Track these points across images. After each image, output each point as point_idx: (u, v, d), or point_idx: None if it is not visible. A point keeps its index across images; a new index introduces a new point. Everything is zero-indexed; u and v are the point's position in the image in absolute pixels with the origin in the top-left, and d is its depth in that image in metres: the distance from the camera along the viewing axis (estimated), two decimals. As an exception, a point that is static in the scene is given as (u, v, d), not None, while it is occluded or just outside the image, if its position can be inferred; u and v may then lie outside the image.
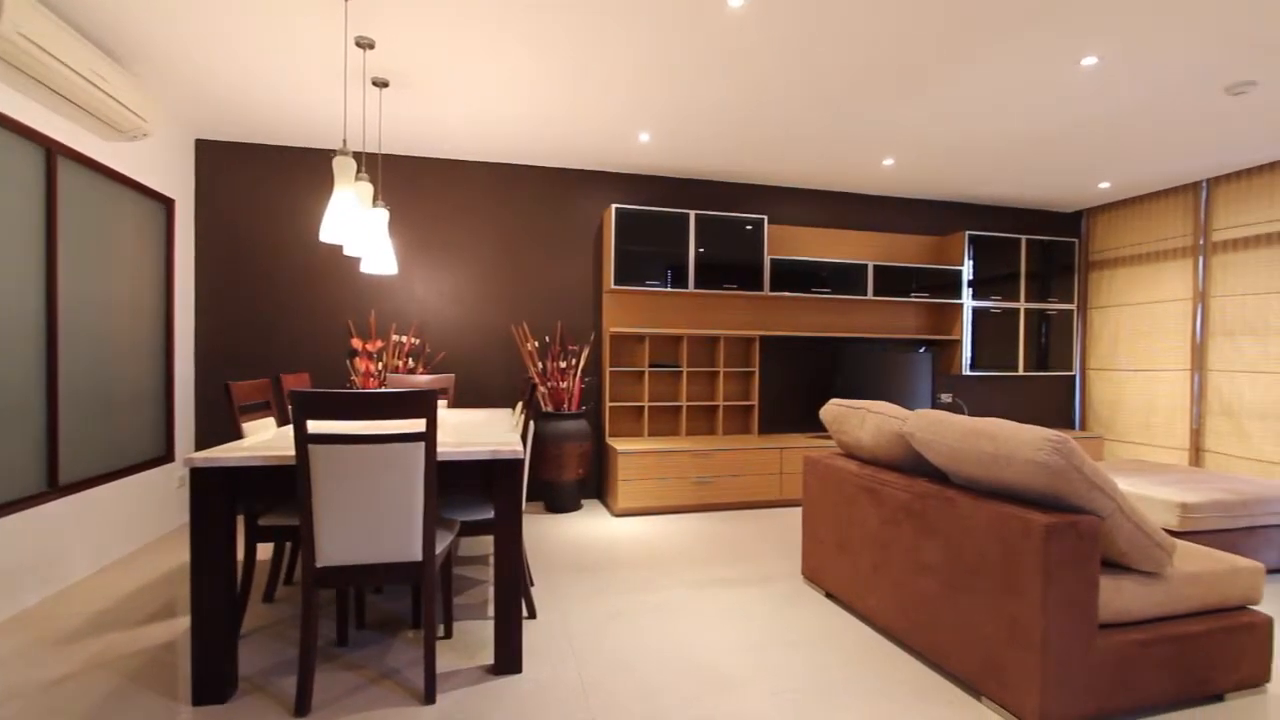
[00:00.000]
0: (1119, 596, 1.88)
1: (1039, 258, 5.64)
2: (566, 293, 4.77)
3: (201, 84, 3.35)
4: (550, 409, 4.45)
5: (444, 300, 4.54)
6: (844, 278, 5.05)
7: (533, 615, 2.63)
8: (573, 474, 4.33)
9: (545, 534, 3.87)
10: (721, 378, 4.89)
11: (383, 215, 3.10)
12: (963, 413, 5.67)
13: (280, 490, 1.99)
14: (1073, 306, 5.80)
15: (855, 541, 2.61)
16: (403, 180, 4.47)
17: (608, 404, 4.67)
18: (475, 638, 2.43)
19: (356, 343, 4.18)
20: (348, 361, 4.36)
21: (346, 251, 2.84)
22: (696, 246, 4.65)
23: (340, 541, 1.89)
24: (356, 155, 4.20)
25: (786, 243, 5.18)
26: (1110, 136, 4.03)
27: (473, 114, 3.72)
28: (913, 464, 2.47)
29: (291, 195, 4.29)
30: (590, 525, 4.08)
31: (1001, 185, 5.15)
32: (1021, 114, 3.67)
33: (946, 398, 5.66)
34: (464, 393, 4.57)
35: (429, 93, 3.43)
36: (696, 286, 4.65)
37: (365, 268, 3.15)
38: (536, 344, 4.68)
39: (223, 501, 1.96)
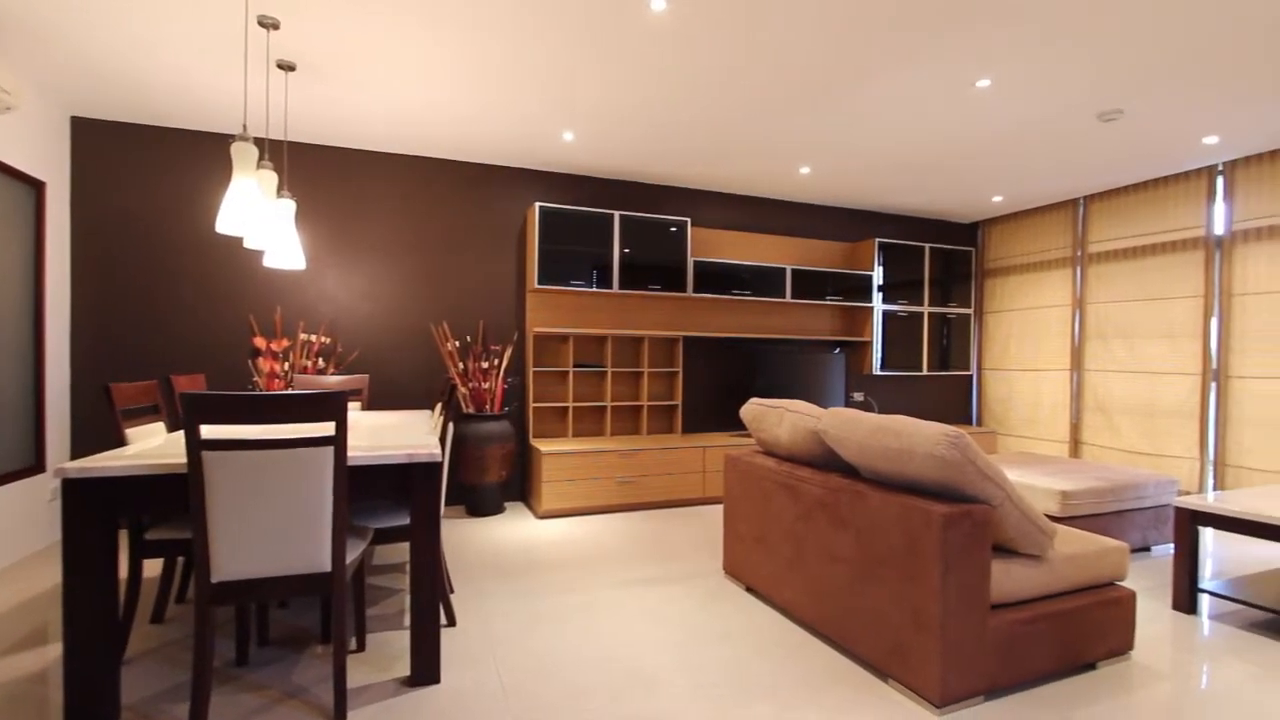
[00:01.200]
0: (1008, 579, 2.04)
1: (941, 265, 6.03)
2: (489, 292, 4.67)
3: (78, 54, 3.04)
4: (472, 410, 4.35)
5: (358, 297, 4.34)
6: (764, 280, 5.21)
7: (452, 623, 2.56)
8: (495, 476, 4.25)
9: (467, 538, 3.78)
10: (646, 378, 4.93)
11: (289, 206, 2.93)
12: (873, 411, 5.97)
13: (171, 501, 1.84)
14: (970, 311, 6.25)
15: (773, 536, 2.69)
16: (312, 170, 4.24)
17: (531, 405, 4.61)
18: (390, 649, 2.33)
19: (260, 342, 3.92)
20: (250, 362, 4.08)
21: (248, 244, 2.66)
22: (621, 247, 4.67)
23: (239, 554, 1.77)
24: (259, 141, 3.94)
25: (709, 245, 5.29)
26: (1002, 154, 4.36)
27: (389, 104, 3.57)
28: (826, 460, 2.58)
29: (185, 182, 3.97)
30: (513, 528, 4.02)
31: (908, 196, 5.47)
32: (925, 130, 3.90)
33: (859, 396, 5.95)
34: (380, 394, 4.39)
35: (341, 79, 3.26)
36: (621, 287, 4.67)
37: (269, 262, 2.96)
38: (457, 344, 4.55)
39: (101, 515, 1.78)
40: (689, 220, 4.89)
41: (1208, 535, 3.97)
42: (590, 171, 4.83)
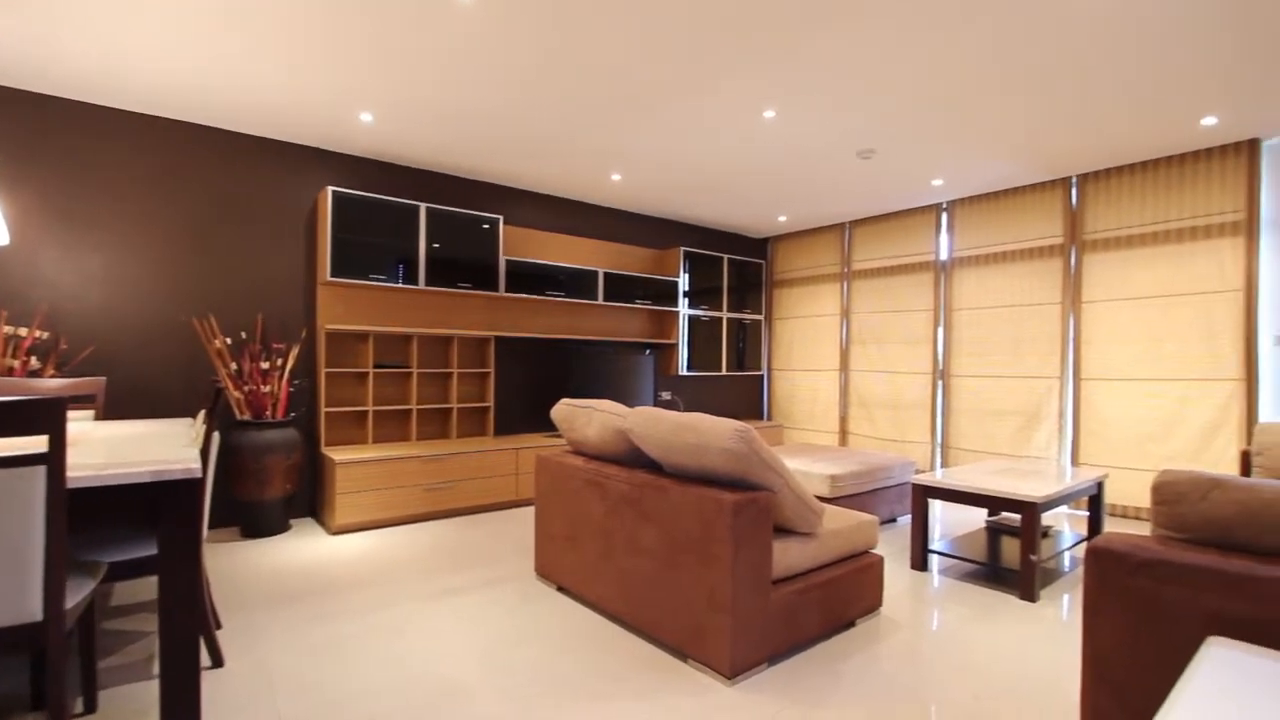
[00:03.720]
0: (786, 555, 2.29)
1: (737, 275, 6.62)
2: (270, 282, 4.13)
3: None
4: (249, 417, 3.81)
5: (89, 283, 3.58)
6: (577, 282, 5.29)
7: (218, 664, 2.22)
8: (278, 491, 3.77)
9: (241, 563, 3.30)
10: (456, 379, 4.73)
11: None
12: (680, 409, 6.36)
13: None
14: (762, 317, 6.95)
15: (584, 533, 2.74)
16: (20, 125, 3.41)
17: (323, 409, 4.18)
18: (134, 704, 1.96)
19: (-61, 336, 3.05)
20: (-77, 362, 3.17)
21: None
22: (429, 241, 4.42)
23: (-106, 612, 1.35)
24: (-60, 80, 3.08)
25: (523, 244, 5.23)
26: (785, 178, 4.90)
27: (133, 51, 3.00)
28: (633, 457, 2.68)
29: None
30: (301, 547, 3.60)
31: (709, 209, 5.91)
32: (721, 150, 4.25)
33: (666, 395, 6.30)
34: (124, 401, 3.66)
35: (57, 6, 2.67)
36: (428, 283, 4.42)
37: (-47, 234, 2.32)
38: (229, 341, 3.96)
39: None
40: (501, 218, 4.79)
41: (937, 505, 4.83)
42: (394, 159, 4.51)
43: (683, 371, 6.08)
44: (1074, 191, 4.77)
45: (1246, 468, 3.40)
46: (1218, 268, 4.10)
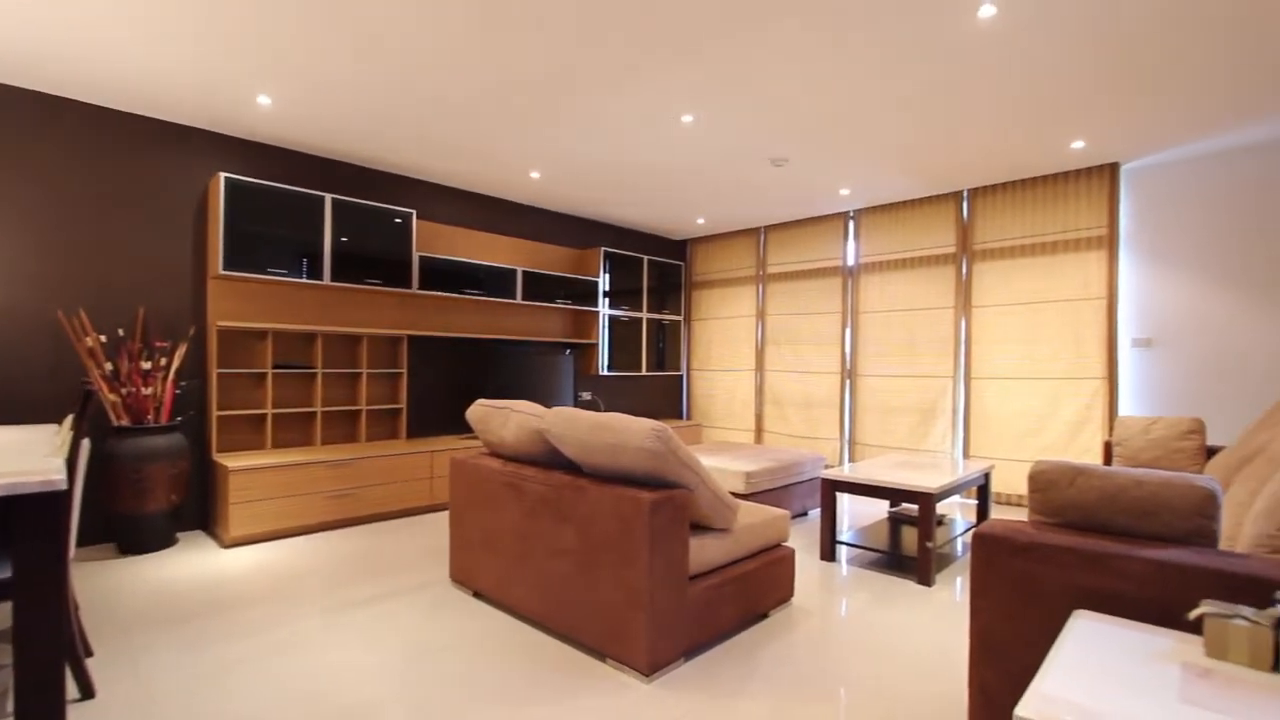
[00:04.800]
0: (703, 552, 2.34)
1: (657, 276, 6.69)
2: (152, 276, 3.78)
3: None
4: (127, 422, 3.48)
5: (-69, 274, 3.15)
6: (496, 281, 5.17)
7: (88, 695, 2.01)
8: (162, 502, 3.46)
9: (118, 583, 3.01)
10: (365, 380, 4.51)
11: None
12: (600, 409, 6.36)
13: None
14: (681, 318, 7.06)
15: (501, 537, 2.68)
16: None
17: (215, 413, 3.87)
18: (-20, 748, 1.74)
19: None
20: None
21: None
22: (335, 234, 4.19)
23: None
24: None
25: (438, 241, 5.06)
26: (702, 182, 5.01)
27: (-12, 17, 2.67)
28: (551, 458, 2.66)
29: None
30: (189, 563, 3.32)
31: (629, 210, 5.95)
32: (641, 152, 4.29)
33: (586, 396, 6.28)
34: (-29, 406, 3.25)
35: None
36: (334, 279, 4.19)
37: None
38: (104, 339, 3.60)
39: None
40: (414, 212, 4.61)
41: (844, 499, 5.08)
42: (298, 146, 4.25)
43: (603, 371, 6.09)
44: (965, 205, 5.15)
45: (1109, 457, 3.79)
46: (1084, 278, 4.55)
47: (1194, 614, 1.15)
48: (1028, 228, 4.82)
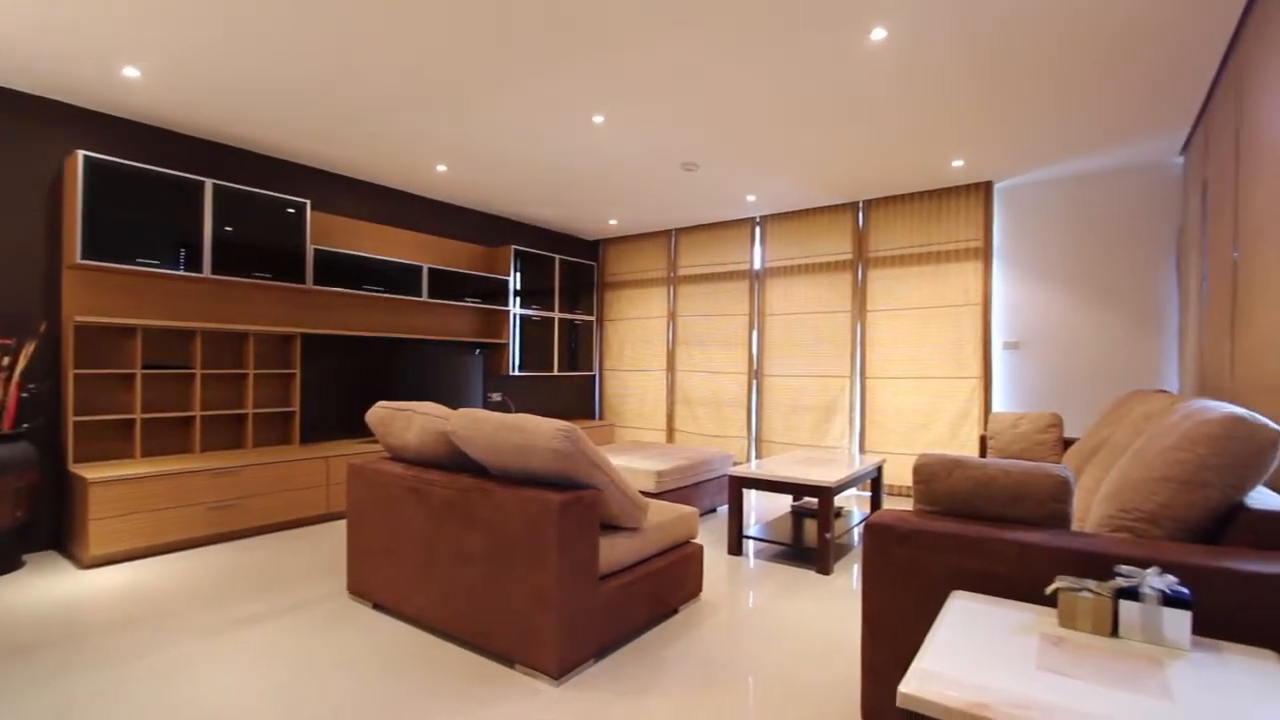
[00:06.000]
0: (613, 551, 2.34)
1: (569, 275, 6.65)
2: (-6, 264, 3.34)
3: None
4: (-42, 431, 3.04)
5: None
6: (400, 278, 4.96)
7: (-96, 745, 1.74)
8: (5, 519, 3.06)
9: (-57, 616, 2.62)
10: (252, 381, 4.19)
11: None
12: (511, 410, 6.23)
13: None
14: (593, 318, 7.05)
15: (403, 545, 2.57)
16: None
17: (71, 419, 3.46)
18: None
19: None
20: None
21: None
22: (217, 223, 3.86)
23: None
24: None
25: (335, 233, 4.78)
26: (614, 183, 5.03)
27: None
28: (457, 461, 2.57)
29: None
30: (39, 587, 2.95)
31: (541, 208, 5.87)
32: (552, 150, 4.24)
33: (497, 396, 6.14)
34: None
35: None
36: (216, 271, 3.86)
37: None
38: (-70, 335, 3.13)
39: None
40: (309, 203, 4.34)
41: (751, 494, 5.25)
42: (174, 125, 3.88)
43: (514, 371, 5.97)
44: (861, 214, 5.47)
45: (984, 450, 4.14)
46: (964, 285, 4.95)
47: (1050, 589, 1.28)
48: (916, 238, 5.18)
